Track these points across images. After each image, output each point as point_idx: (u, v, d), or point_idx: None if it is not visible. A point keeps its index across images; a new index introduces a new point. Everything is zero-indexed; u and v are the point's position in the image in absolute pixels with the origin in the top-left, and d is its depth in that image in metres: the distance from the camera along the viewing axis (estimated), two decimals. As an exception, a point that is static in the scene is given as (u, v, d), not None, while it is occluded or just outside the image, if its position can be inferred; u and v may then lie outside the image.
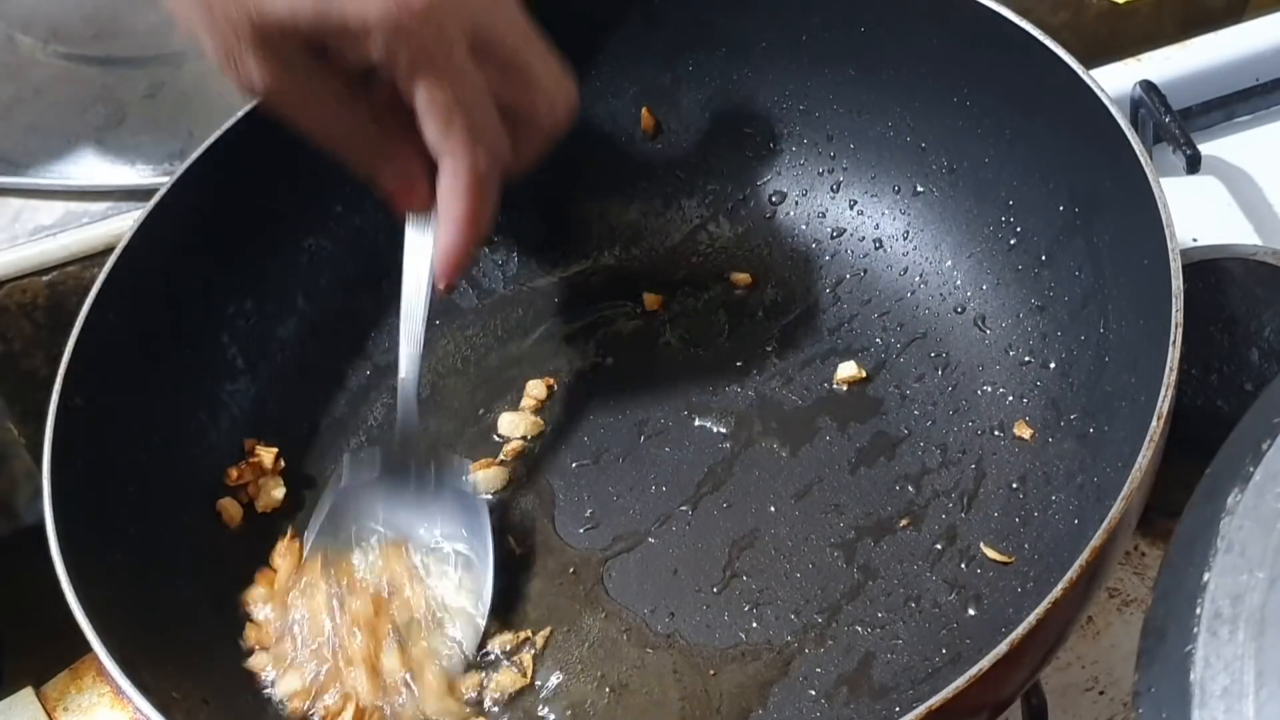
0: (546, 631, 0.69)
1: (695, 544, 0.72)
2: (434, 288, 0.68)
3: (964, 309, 0.77)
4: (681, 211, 0.84)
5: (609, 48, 0.81)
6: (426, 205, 0.66)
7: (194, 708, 0.62)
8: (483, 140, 0.62)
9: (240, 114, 0.76)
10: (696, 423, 0.76)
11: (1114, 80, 0.89)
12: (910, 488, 0.72)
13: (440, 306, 0.82)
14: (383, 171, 0.66)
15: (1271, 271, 0.78)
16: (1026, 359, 0.74)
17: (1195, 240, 0.84)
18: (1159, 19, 1.05)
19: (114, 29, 0.99)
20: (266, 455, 0.75)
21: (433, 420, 0.78)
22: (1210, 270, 0.79)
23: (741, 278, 0.81)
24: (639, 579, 0.71)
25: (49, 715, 0.66)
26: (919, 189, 0.79)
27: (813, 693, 0.66)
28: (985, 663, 0.53)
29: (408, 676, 0.66)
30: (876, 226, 0.81)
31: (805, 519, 0.71)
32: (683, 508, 0.73)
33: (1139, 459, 0.56)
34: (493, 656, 0.69)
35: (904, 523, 0.70)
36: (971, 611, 0.67)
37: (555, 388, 0.79)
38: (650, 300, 0.81)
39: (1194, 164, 0.86)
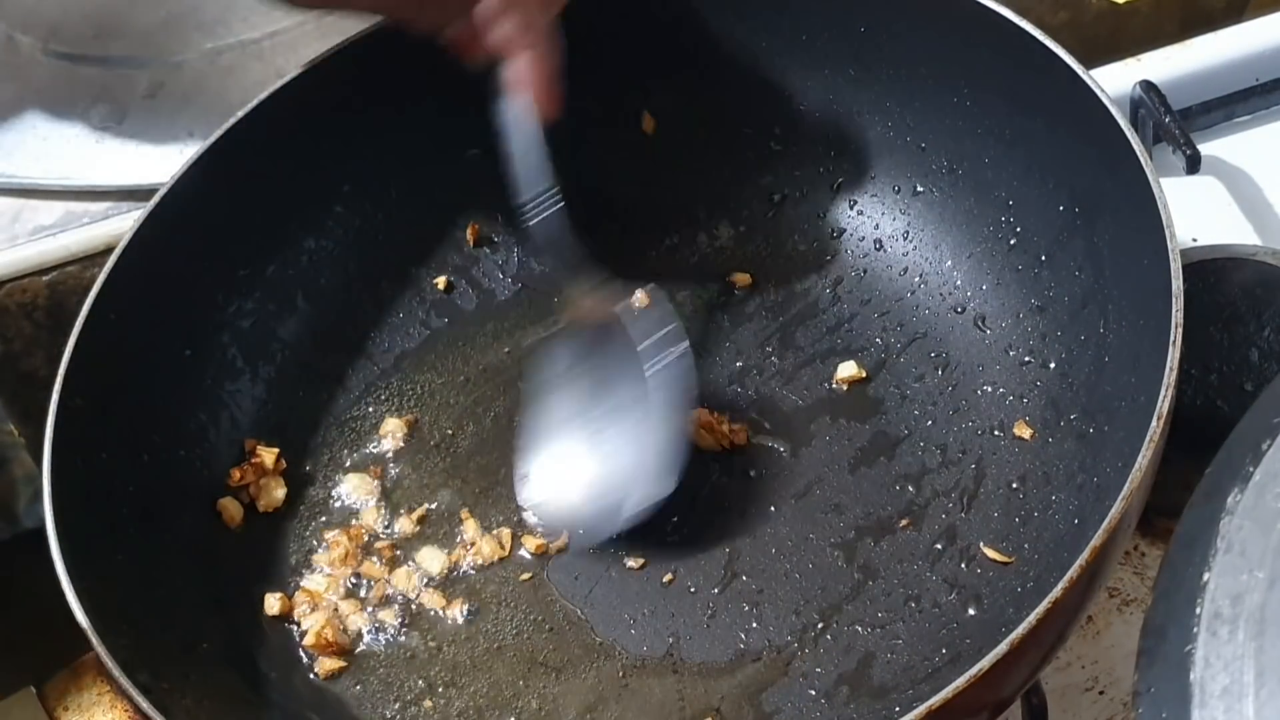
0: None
1: (695, 544, 0.72)
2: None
3: (964, 309, 0.77)
4: (681, 212, 0.84)
5: (609, 48, 0.81)
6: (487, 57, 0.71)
7: (193, 708, 0.62)
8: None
9: (240, 114, 0.76)
10: (696, 422, 0.76)
11: (1114, 80, 0.89)
12: (910, 487, 0.72)
13: (441, 307, 0.82)
14: (448, 28, 0.72)
15: (1271, 271, 0.78)
16: (1026, 359, 0.74)
17: (1195, 240, 0.84)
18: (1159, 19, 1.05)
19: (114, 29, 0.99)
20: (267, 455, 0.75)
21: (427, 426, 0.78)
22: (1210, 270, 0.79)
23: (741, 278, 0.81)
24: (639, 579, 0.71)
25: (49, 715, 0.66)
26: (919, 189, 0.79)
27: (813, 693, 0.66)
28: (985, 662, 0.53)
29: None
30: (876, 226, 0.81)
31: (805, 519, 0.71)
32: (683, 508, 0.73)
33: (1139, 459, 0.56)
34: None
35: (904, 523, 0.70)
36: (971, 611, 0.67)
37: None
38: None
39: (1194, 164, 0.86)
